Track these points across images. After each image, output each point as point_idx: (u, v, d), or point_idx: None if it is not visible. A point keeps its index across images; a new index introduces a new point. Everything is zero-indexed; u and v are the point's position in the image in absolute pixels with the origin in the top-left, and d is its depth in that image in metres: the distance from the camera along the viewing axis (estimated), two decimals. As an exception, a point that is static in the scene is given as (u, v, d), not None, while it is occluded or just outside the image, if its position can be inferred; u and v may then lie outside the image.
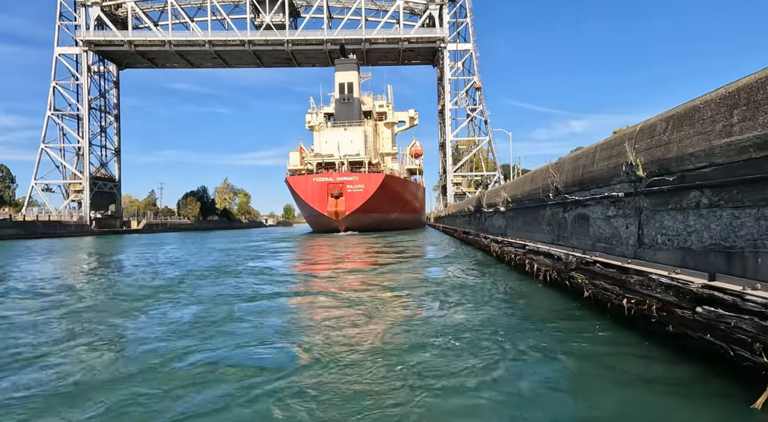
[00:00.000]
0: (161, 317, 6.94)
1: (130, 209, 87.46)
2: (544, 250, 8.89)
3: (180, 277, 11.88)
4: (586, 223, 7.11)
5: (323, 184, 50.94)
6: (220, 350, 5.00)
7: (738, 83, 3.80)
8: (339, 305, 7.59)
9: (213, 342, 5.31)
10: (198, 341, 5.39)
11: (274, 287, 9.76)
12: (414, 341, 5.22)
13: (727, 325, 3.59)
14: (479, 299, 7.69)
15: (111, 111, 69.26)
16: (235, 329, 6.00)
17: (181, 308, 7.56)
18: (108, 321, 6.64)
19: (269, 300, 8.22)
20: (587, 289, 6.62)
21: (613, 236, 6.19)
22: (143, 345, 5.28)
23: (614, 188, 6.06)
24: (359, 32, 65.19)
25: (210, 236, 48.24)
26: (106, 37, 62.64)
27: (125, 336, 5.82)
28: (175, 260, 18.01)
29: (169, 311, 7.32)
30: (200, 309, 7.41)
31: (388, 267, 13.29)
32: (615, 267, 5.77)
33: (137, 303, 8.04)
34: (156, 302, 8.18)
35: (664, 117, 4.96)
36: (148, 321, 6.70)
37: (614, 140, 6.12)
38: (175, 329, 6.07)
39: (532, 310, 6.99)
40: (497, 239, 14.17)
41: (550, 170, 8.81)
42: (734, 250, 3.79)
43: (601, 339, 5.14)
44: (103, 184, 66.45)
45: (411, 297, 8.14)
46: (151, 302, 8.18)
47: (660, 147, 4.87)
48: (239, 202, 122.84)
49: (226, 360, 4.61)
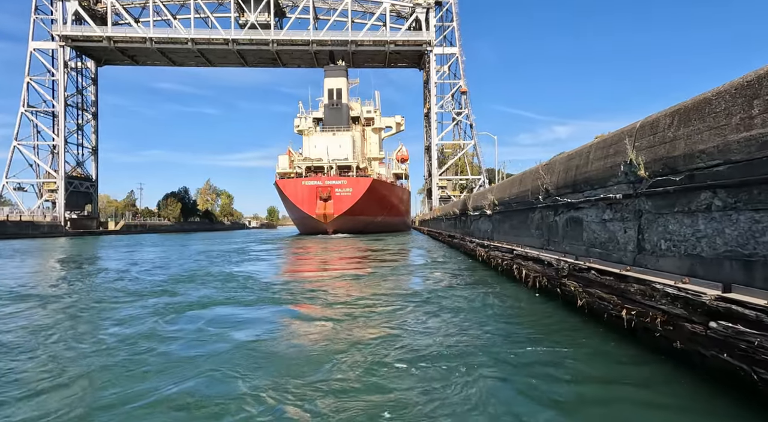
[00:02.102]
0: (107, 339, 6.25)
1: (108, 210, 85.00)
2: (534, 255, 8.46)
3: (143, 288, 11.12)
4: (579, 227, 6.70)
5: (312, 187, 52.11)
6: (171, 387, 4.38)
7: (759, 72, 3.38)
8: (317, 318, 7.01)
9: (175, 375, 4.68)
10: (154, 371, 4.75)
11: (250, 305, 9.11)
12: (392, 359, 4.68)
13: (749, 344, 3.15)
14: (462, 310, 7.19)
15: (88, 108, 67.23)
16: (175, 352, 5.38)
17: (134, 324, 6.88)
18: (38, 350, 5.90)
19: (243, 322, 7.58)
20: (581, 298, 6.19)
21: (609, 241, 5.77)
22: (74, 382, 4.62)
23: (611, 190, 5.64)
24: (345, 34, 64.74)
25: (189, 238, 46.95)
26: (84, 32, 60.82)
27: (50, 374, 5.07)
28: (145, 263, 17.14)
29: (119, 331, 6.64)
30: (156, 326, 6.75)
31: (371, 273, 12.74)
32: (612, 275, 5.34)
33: (82, 319, 7.33)
34: (103, 316, 7.48)
35: (668, 112, 4.55)
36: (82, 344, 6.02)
37: (611, 137, 5.71)
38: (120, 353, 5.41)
39: (519, 320, 6.52)
40: (483, 243, 13.76)
41: (540, 172, 8.40)
42: (755, 258, 3.36)
43: (596, 355, 4.68)
44: (79, 183, 64.35)
45: (391, 309, 7.60)
46: (99, 316, 7.47)
47: (665, 144, 4.46)
48: (222, 203, 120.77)
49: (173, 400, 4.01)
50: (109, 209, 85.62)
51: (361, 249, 24.50)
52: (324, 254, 21.51)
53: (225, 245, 31.91)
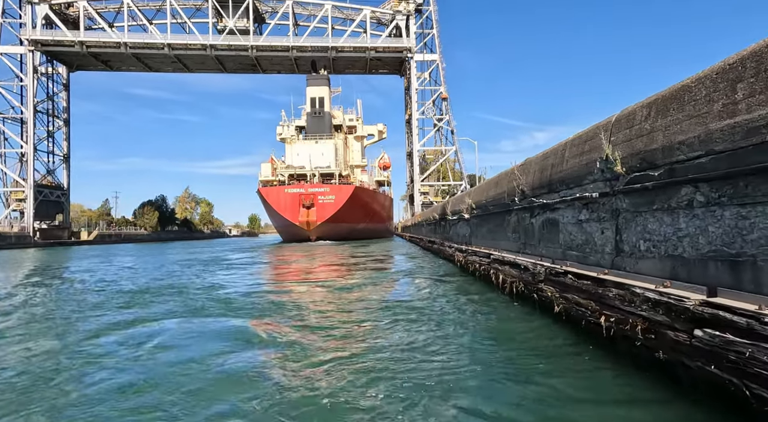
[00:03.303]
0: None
1: (82, 220, 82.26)
2: (510, 259, 8.12)
3: (100, 302, 10.42)
4: (556, 229, 6.37)
5: (295, 195, 52.75)
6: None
7: (742, 53, 3.08)
8: (279, 334, 6.49)
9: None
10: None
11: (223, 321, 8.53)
12: (358, 373, 4.22)
13: (739, 355, 2.80)
14: (435, 322, 6.76)
15: (60, 115, 65.08)
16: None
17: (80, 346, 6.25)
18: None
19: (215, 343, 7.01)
20: (558, 304, 5.83)
21: (586, 243, 5.44)
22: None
23: (587, 188, 5.32)
24: (326, 40, 64.47)
25: (166, 248, 45.55)
26: (54, 36, 59.03)
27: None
28: (111, 275, 16.28)
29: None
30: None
31: (345, 285, 12.24)
32: (589, 279, 4.99)
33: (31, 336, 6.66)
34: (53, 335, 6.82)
35: (645, 103, 4.25)
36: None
37: (586, 133, 5.41)
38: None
39: (493, 331, 6.13)
40: (461, 248, 13.42)
41: (515, 172, 8.09)
42: (742, 258, 3.03)
43: (572, 369, 4.31)
44: (50, 192, 62.02)
45: (361, 322, 7.14)
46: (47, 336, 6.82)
47: (642, 137, 4.14)
48: (201, 211, 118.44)
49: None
50: (82, 218, 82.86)
51: (341, 257, 23.97)
52: (302, 263, 20.91)
53: (201, 254, 30.92)
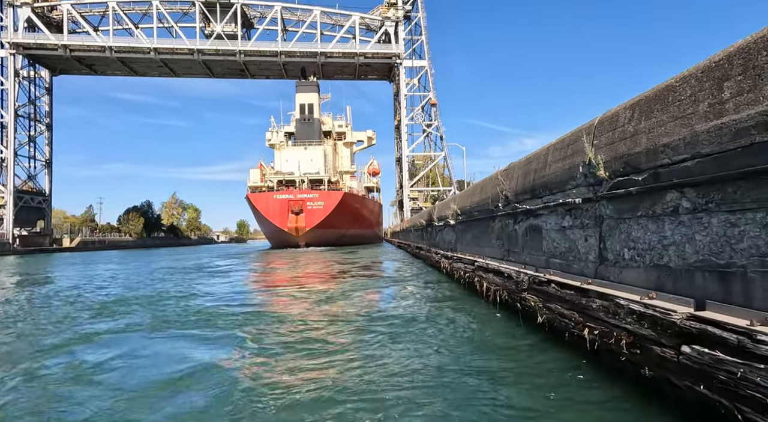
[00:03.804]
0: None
1: (64, 226, 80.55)
2: (494, 267, 7.89)
3: (68, 314, 9.96)
4: (539, 235, 6.16)
5: (284, 201, 52.60)
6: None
7: (728, 50, 2.89)
8: (262, 350, 6.17)
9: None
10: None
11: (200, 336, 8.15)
12: (332, 392, 3.93)
13: (730, 375, 2.57)
14: (415, 333, 6.50)
15: (42, 119, 63.75)
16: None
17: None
18: None
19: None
20: (541, 313, 5.61)
21: (570, 250, 5.23)
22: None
23: (570, 194, 5.12)
24: (314, 46, 64.31)
25: (150, 255, 44.64)
26: (37, 39, 57.92)
27: None
28: (86, 283, 15.72)
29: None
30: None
31: (329, 293, 11.92)
32: (573, 289, 4.77)
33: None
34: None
35: (628, 105, 4.06)
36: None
37: (569, 136, 5.21)
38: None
39: (474, 343, 5.87)
40: (447, 254, 13.19)
41: (499, 177, 7.89)
42: (731, 269, 2.82)
43: (554, 385, 4.07)
44: (31, 198, 60.56)
45: (340, 334, 6.85)
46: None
47: (625, 140, 3.94)
48: (188, 217, 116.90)
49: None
50: (65, 225, 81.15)
51: (326, 264, 23.61)
52: (286, 271, 20.52)
53: (185, 261, 30.28)
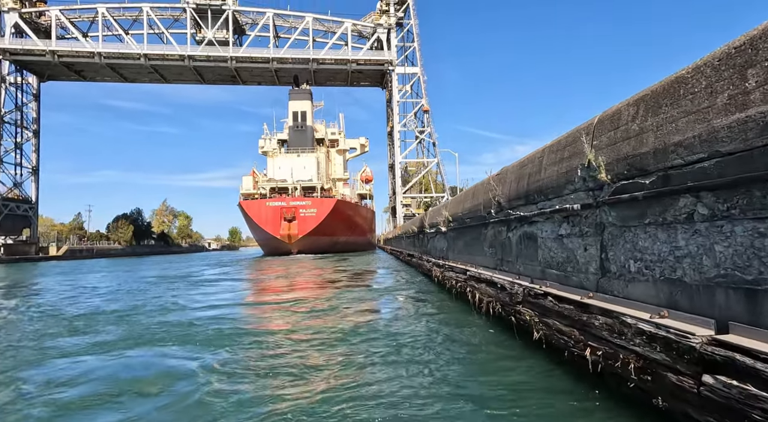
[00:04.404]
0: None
1: (51, 234, 79.09)
2: (486, 277, 7.48)
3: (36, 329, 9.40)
4: (534, 244, 5.75)
5: (276, 208, 52.64)
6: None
7: (751, 33, 2.52)
8: (240, 370, 5.68)
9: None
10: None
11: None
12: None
13: (765, 414, 2.16)
14: (404, 352, 6.05)
15: (29, 126, 62.73)
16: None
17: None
18: None
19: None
20: (537, 329, 5.19)
21: (568, 260, 4.83)
22: None
23: (567, 199, 4.72)
24: (307, 52, 64.12)
25: (138, 263, 43.71)
26: (24, 45, 57.15)
27: None
28: (58, 296, 15.07)
29: None
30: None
31: (316, 305, 11.43)
32: (572, 303, 4.36)
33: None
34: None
35: (631, 101, 3.68)
36: None
37: (566, 137, 4.83)
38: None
39: (465, 357, 5.44)
40: (439, 262, 12.76)
41: (491, 182, 7.50)
42: (761, 286, 2.42)
43: (553, 410, 3.64)
44: (16, 206, 59.36)
45: (324, 349, 6.39)
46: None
47: (629, 140, 3.56)
48: (179, 225, 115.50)
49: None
50: (52, 233, 79.69)
51: (316, 273, 23.08)
52: (274, 280, 19.96)
53: (173, 270, 29.55)
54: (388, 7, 65.22)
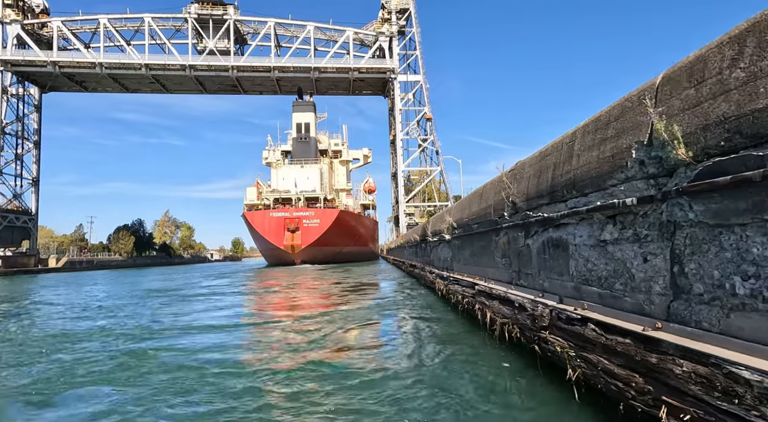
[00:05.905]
0: None
1: (52, 246, 78.40)
2: (499, 293, 6.23)
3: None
4: (564, 253, 4.52)
5: (280, 219, 52.99)
6: None
7: None
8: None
9: None
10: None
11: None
12: None
13: None
14: (397, 388, 4.81)
15: (30, 137, 62.32)
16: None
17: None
18: None
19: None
20: (573, 366, 3.94)
21: (616, 275, 3.59)
22: None
23: (614, 193, 3.51)
24: (308, 61, 63.61)
25: (138, 275, 42.59)
26: (26, 56, 56.97)
27: None
28: (44, 311, 13.91)
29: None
30: None
31: (306, 328, 10.21)
32: (628, 334, 3.12)
33: None
34: None
35: (724, 40, 2.48)
36: None
37: (610, 110, 3.63)
38: None
39: (478, 404, 4.18)
40: (443, 274, 11.50)
41: (504, 180, 6.29)
42: None
43: None
44: (15, 217, 58.63)
45: (305, 386, 5.17)
46: None
47: (727, 94, 2.36)
48: (181, 236, 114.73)
49: None
50: (52, 244, 78.99)
51: (314, 287, 21.85)
52: (275, 294, 18.75)
53: (172, 281, 28.37)
54: (389, 16, 64.77)
